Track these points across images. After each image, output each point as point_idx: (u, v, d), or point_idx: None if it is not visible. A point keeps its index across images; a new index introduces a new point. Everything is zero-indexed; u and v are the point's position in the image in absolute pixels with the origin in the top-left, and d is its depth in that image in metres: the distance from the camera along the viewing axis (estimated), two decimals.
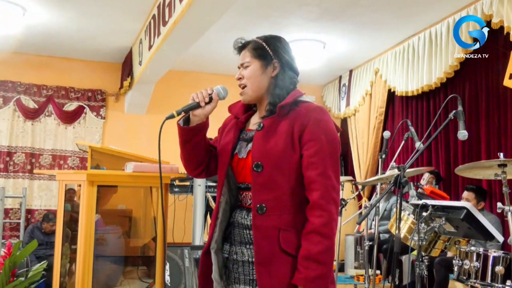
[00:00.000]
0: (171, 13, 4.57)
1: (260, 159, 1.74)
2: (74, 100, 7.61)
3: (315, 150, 1.70)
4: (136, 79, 6.80)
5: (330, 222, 1.67)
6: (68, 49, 7.12)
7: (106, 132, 7.80)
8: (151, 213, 3.08)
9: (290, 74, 1.85)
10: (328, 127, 1.75)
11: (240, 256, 1.81)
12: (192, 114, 1.83)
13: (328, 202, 1.67)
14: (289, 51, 1.88)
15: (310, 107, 1.78)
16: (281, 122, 1.76)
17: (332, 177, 1.70)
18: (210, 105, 1.82)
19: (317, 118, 1.74)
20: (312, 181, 1.69)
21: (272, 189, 1.72)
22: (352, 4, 5.15)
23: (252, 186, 1.75)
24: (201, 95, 1.81)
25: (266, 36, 1.88)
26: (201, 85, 7.93)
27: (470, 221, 2.87)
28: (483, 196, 4.61)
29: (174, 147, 7.67)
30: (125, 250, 4.33)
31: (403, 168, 2.86)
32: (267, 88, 1.84)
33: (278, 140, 1.73)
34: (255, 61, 1.83)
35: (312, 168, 1.69)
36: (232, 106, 1.97)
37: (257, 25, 5.78)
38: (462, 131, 2.98)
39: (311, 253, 1.64)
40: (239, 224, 1.82)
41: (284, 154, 1.72)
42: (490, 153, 4.99)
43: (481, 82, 5.20)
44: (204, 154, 1.90)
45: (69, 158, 7.51)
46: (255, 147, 1.77)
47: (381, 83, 6.91)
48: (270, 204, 1.72)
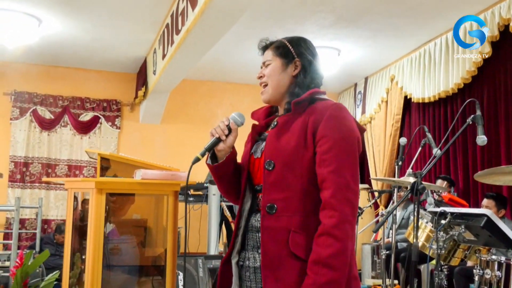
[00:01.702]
0: (184, 21, 4.56)
1: (271, 157, 1.68)
2: (89, 110, 7.65)
3: (328, 146, 1.60)
4: (151, 89, 6.81)
5: (342, 222, 1.54)
6: (83, 59, 7.17)
7: (121, 141, 7.82)
8: (163, 222, 3.04)
9: (313, 75, 1.79)
10: (344, 123, 1.65)
11: (252, 262, 1.73)
12: (217, 150, 1.79)
13: (340, 201, 1.55)
14: (313, 52, 1.83)
15: (327, 104, 1.70)
16: (296, 120, 1.69)
17: (346, 176, 1.59)
18: (231, 135, 1.78)
19: (332, 114, 1.65)
20: (324, 179, 1.59)
21: (283, 188, 1.65)
22: (366, 10, 5.10)
23: (263, 185, 1.69)
24: (219, 129, 1.76)
25: (291, 37, 1.85)
26: (216, 94, 7.97)
27: (491, 229, 2.76)
28: (503, 203, 4.50)
29: (188, 155, 7.63)
30: (140, 260, 4.30)
31: (420, 174, 2.78)
32: (288, 88, 1.79)
33: (291, 137, 1.66)
34: (276, 59, 1.79)
35: (325, 165, 1.59)
36: (254, 111, 1.93)
37: (271, 33, 5.66)
38: (481, 136, 2.90)
39: (321, 257, 1.52)
40: (253, 227, 1.75)
41: (296, 152, 1.64)
42: (511, 158, 4.87)
43: (500, 87, 5.09)
44: (239, 180, 1.85)
45: (85, 168, 7.55)
46: (267, 145, 1.71)
47: (397, 90, 6.82)
48: (281, 204, 1.64)
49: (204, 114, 7.88)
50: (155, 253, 4.57)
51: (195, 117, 7.95)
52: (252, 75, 8.42)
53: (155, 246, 4.52)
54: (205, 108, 7.93)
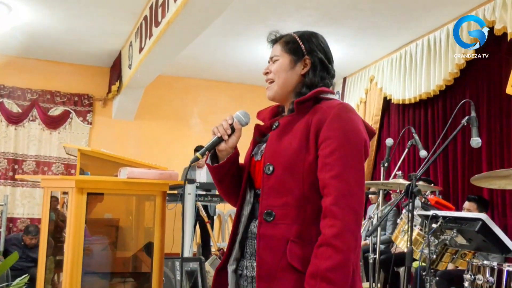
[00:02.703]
0: (165, 13, 4.37)
1: (271, 160, 1.55)
2: (59, 105, 7.35)
3: (331, 149, 1.46)
4: (125, 84, 6.58)
5: (343, 232, 1.40)
6: (54, 51, 6.87)
7: (92, 138, 7.55)
8: (144, 223, 2.86)
9: (322, 75, 1.65)
10: (350, 124, 1.51)
11: (250, 271, 1.60)
12: (218, 150, 1.65)
13: (342, 209, 1.41)
14: (325, 50, 1.68)
15: (332, 104, 1.56)
16: (299, 120, 1.56)
17: (350, 181, 1.45)
18: (234, 135, 1.64)
19: (337, 114, 1.51)
20: (325, 184, 1.45)
21: (282, 194, 1.51)
22: (351, 7, 5.00)
23: (261, 190, 1.56)
24: (222, 128, 1.62)
25: (303, 31, 1.70)
26: (191, 91, 7.77)
27: (485, 233, 2.68)
28: (485, 206, 4.47)
29: (162, 152, 7.39)
30: (112, 261, 4.13)
31: (415, 176, 2.68)
32: (295, 87, 1.65)
33: (293, 139, 1.53)
34: (285, 55, 1.65)
35: (327, 170, 1.45)
36: (260, 112, 1.78)
37: (253, 29, 5.61)
38: (475, 138, 2.83)
39: (320, 270, 1.39)
40: (252, 234, 1.61)
41: (298, 155, 1.51)
42: (491, 162, 4.85)
43: (482, 90, 5.07)
44: (240, 183, 1.71)
45: (54, 164, 7.25)
46: (267, 147, 1.59)
47: (377, 91, 6.78)
48: (279, 211, 1.51)
49: (179, 111, 7.70)
50: (127, 254, 4.38)
51: (170, 114, 7.75)
52: (229, 73, 8.29)
53: (128, 247, 4.33)
54: (181, 105, 7.75)
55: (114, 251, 4.32)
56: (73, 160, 7.20)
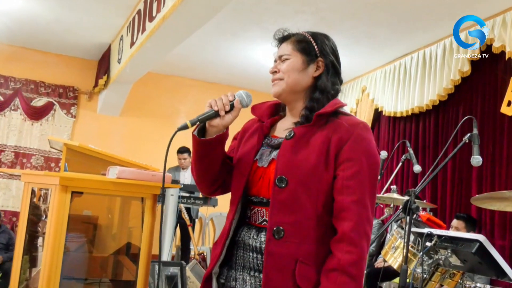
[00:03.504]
0: (160, 7, 4.23)
1: (285, 173, 1.45)
2: (43, 96, 7.14)
3: (353, 172, 1.42)
4: (113, 78, 6.40)
5: (360, 261, 1.38)
6: (42, 40, 6.66)
7: (75, 131, 7.35)
8: (128, 223, 2.72)
9: (334, 80, 1.57)
10: (371, 148, 1.48)
11: (240, 284, 1.50)
12: (209, 125, 1.52)
13: (361, 236, 1.39)
14: (337, 53, 1.60)
15: (353, 121, 1.50)
16: (316, 133, 1.48)
17: (368, 207, 1.43)
18: (231, 114, 1.52)
19: (360, 135, 1.46)
20: (345, 208, 1.41)
21: (295, 210, 1.43)
22: (350, 15, 4.92)
23: (271, 204, 1.45)
24: (221, 102, 1.50)
25: (313, 31, 1.60)
26: (180, 90, 7.64)
27: (482, 255, 2.60)
28: (473, 225, 4.41)
29: (147, 150, 7.17)
30: (88, 260, 3.99)
31: (413, 192, 2.59)
32: (305, 89, 1.55)
33: (311, 153, 1.45)
34: (297, 54, 1.54)
35: (348, 193, 1.41)
36: (256, 106, 1.66)
37: (247, 30, 5.50)
38: (476, 157, 2.76)
39: None
40: (245, 244, 1.52)
41: (315, 171, 1.43)
42: (482, 181, 4.79)
43: (476, 107, 5.01)
44: (220, 169, 1.59)
45: (33, 156, 7.02)
46: (281, 157, 1.48)
47: (368, 102, 6.71)
48: (290, 229, 1.43)
49: (166, 109, 7.55)
50: (105, 253, 4.23)
51: (157, 111, 7.59)
52: (220, 74, 8.12)
53: (106, 247, 4.18)
54: (168, 103, 7.60)
55: (91, 249, 4.17)
56: (53, 153, 6.99)
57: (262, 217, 1.51)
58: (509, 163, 4.52)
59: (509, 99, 4.53)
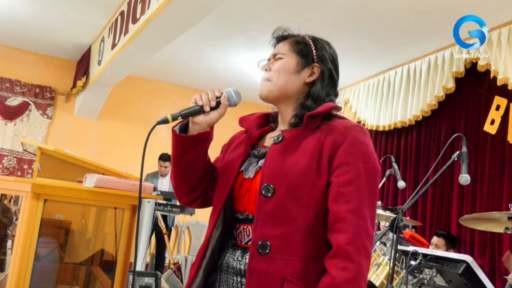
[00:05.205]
0: (144, 10, 4.11)
1: (272, 180, 1.30)
2: (19, 95, 6.91)
3: (349, 178, 1.27)
4: (92, 80, 6.24)
5: (357, 278, 1.21)
6: (19, 38, 6.45)
7: (50, 133, 7.13)
8: (103, 229, 2.59)
9: (329, 90, 1.44)
10: (368, 152, 1.33)
11: None
12: (192, 121, 1.39)
13: (358, 251, 1.22)
14: (336, 63, 1.49)
15: (348, 124, 1.37)
16: (308, 137, 1.34)
17: (367, 218, 1.27)
18: (216, 111, 1.39)
19: (355, 137, 1.32)
20: (340, 218, 1.25)
21: (283, 222, 1.28)
22: (338, 27, 4.87)
23: (256, 215, 1.30)
24: (206, 97, 1.37)
25: (314, 35, 1.49)
26: (160, 95, 7.47)
27: (468, 277, 2.54)
28: (453, 242, 4.37)
29: (124, 155, 6.97)
30: (59, 267, 3.84)
31: (401, 210, 2.51)
32: (296, 94, 1.43)
33: (301, 158, 1.30)
34: (292, 55, 1.43)
35: (343, 202, 1.26)
36: (244, 118, 1.53)
37: (232, 37, 5.41)
38: (464, 175, 2.71)
39: None
40: (229, 268, 1.36)
41: (306, 178, 1.28)
42: (463, 200, 4.76)
43: (459, 125, 5.00)
44: (202, 176, 1.44)
45: (5, 157, 6.78)
46: (267, 163, 1.33)
47: (350, 115, 6.66)
48: (277, 243, 1.27)
49: (145, 114, 7.38)
50: (77, 260, 4.07)
51: (135, 116, 7.42)
52: (202, 80, 7.99)
53: (77, 253, 4.02)
54: (147, 108, 7.43)
55: (62, 255, 4.02)
56: (27, 154, 6.76)
57: (248, 236, 1.36)
58: (491, 182, 4.51)
59: (492, 118, 4.53)
